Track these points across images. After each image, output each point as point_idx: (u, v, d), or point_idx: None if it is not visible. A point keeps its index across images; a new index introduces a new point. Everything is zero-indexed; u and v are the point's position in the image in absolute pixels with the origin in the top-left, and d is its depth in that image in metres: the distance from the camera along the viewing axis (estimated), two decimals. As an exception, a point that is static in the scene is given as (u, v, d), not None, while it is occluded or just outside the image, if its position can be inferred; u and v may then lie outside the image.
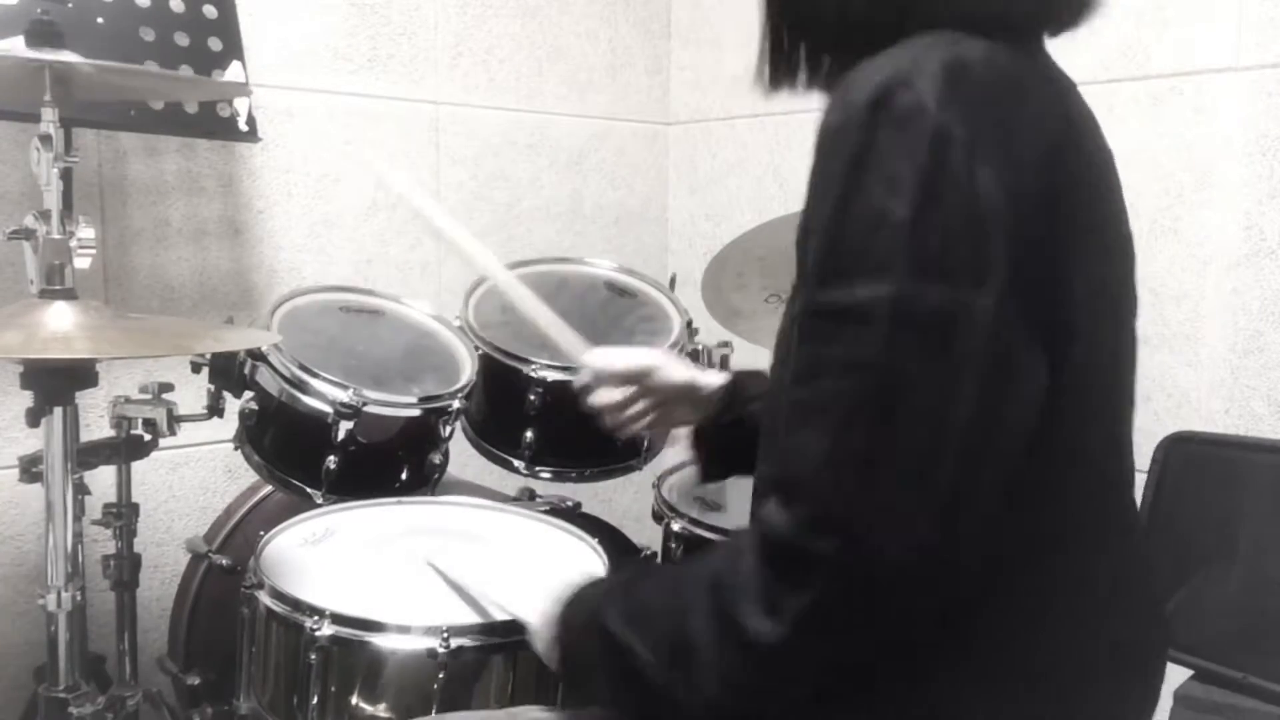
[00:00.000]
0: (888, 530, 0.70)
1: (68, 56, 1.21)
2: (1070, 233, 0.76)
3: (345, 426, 1.47)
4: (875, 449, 0.70)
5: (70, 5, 1.59)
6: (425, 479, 1.61)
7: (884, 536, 0.70)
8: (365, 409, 1.47)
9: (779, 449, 0.75)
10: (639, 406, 1.24)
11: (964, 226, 0.71)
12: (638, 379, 1.23)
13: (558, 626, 0.93)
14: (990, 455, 0.72)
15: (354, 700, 1.14)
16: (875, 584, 0.71)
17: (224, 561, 1.66)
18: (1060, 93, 0.83)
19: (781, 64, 0.92)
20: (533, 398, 1.61)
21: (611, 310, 1.83)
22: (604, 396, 1.24)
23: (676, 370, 1.22)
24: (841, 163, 0.74)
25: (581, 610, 0.91)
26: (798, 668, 0.76)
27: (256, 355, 1.50)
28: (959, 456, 0.70)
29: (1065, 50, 0.88)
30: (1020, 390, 0.73)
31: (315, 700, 1.14)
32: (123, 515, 1.60)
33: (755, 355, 1.28)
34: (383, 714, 1.14)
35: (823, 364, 0.74)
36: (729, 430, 1.21)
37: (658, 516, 1.61)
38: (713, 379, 1.23)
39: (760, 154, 2.49)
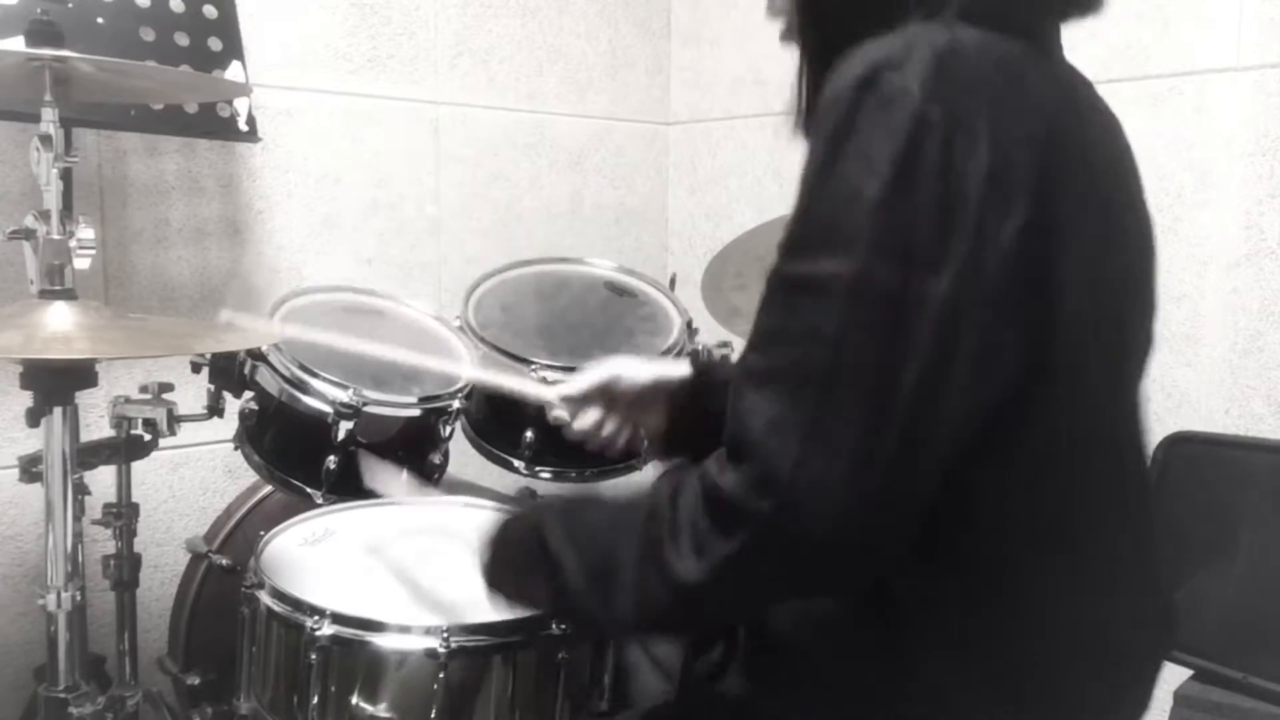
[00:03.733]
0: (820, 499, 0.72)
1: (68, 55, 1.21)
2: (1066, 229, 0.76)
3: (345, 426, 1.47)
4: (819, 420, 0.72)
5: (70, 5, 1.59)
6: (425, 479, 1.61)
7: (816, 504, 0.72)
8: (365, 409, 1.47)
9: (730, 411, 0.77)
10: (615, 420, 1.24)
11: (931, 212, 0.72)
12: (604, 394, 1.23)
13: (496, 533, 0.96)
14: (930, 439, 0.73)
15: (354, 700, 1.14)
16: (798, 546, 0.73)
17: (224, 561, 1.66)
18: (1062, 86, 0.82)
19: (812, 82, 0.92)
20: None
21: (611, 310, 1.83)
22: (582, 422, 1.24)
23: (639, 371, 1.22)
24: (824, 138, 0.76)
25: (522, 523, 0.95)
26: (708, 608, 0.80)
27: (256, 355, 1.50)
28: (899, 437, 0.72)
29: (1066, 50, 0.88)
30: (974, 376, 0.74)
31: (315, 700, 1.14)
32: (123, 515, 1.60)
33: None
34: (383, 714, 1.14)
35: (781, 332, 0.76)
36: (701, 420, 1.21)
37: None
38: (678, 369, 1.23)
39: (760, 154, 2.49)
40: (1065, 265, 0.77)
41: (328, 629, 1.13)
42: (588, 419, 1.24)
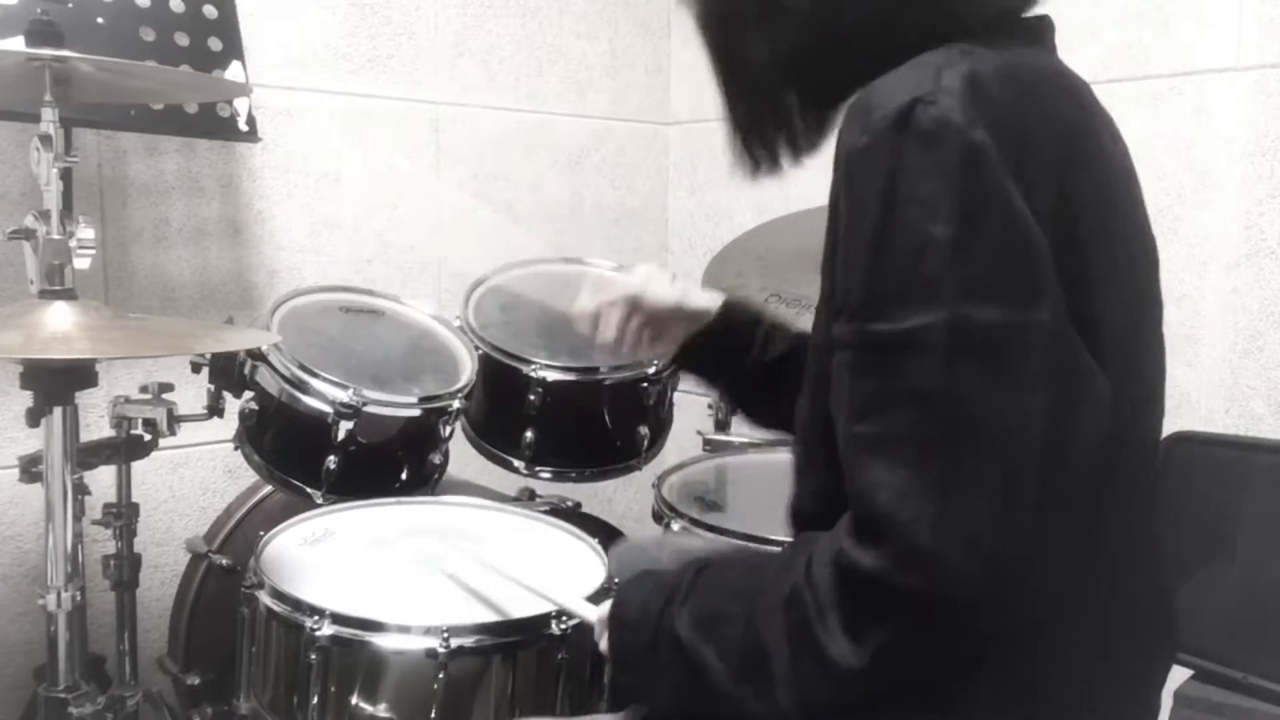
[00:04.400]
0: (970, 561, 0.69)
1: (68, 55, 1.21)
2: (1091, 236, 0.76)
3: (345, 426, 1.47)
4: (952, 478, 0.69)
5: (70, 5, 1.59)
6: (425, 479, 1.61)
7: (967, 568, 0.69)
8: (365, 409, 1.47)
9: (852, 487, 0.74)
10: (633, 333, 1.23)
11: (1008, 242, 0.70)
12: (630, 303, 1.22)
13: (611, 624, 0.92)
14: (1068, 470, 0.71)
15: (354, 700, 1.14)
16: (961, 613, 0.71)
17: (224, 561, 1.66)
18: (1071, 91, 0.82)
19: (771, 131, 0.91)
20: (533, 398, 1.61)
21: (611, 310, 1.83)
22: (603, 333, 1.23)
23: (663, 291, 1.21)
24: (873, 188, 0.72)
25: (636, 609, 0.90)
26: (873, 693, 0.75)
27: (256, 355, 1.50)
28: (1038, 475, 0.69)
29: (1066, 50, 0.88)
30: (1087, 400, 0.73)
31: (315, 700, 1.14)
32: (123, 515, 1.60)
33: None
34: (383, 714, 1.14)
35: (886, 397, 0.72)
36: (712, 350, 1.22)
37: (658, 516, 1.61)
38: (701, 299, 1.23)
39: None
40: (1103, 277, 0.77)
41: (327, 629, 1.13)
42: (607, 324, 1.22)
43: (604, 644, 0.95)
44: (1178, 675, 1.53)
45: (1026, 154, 0.72)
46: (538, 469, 1.68)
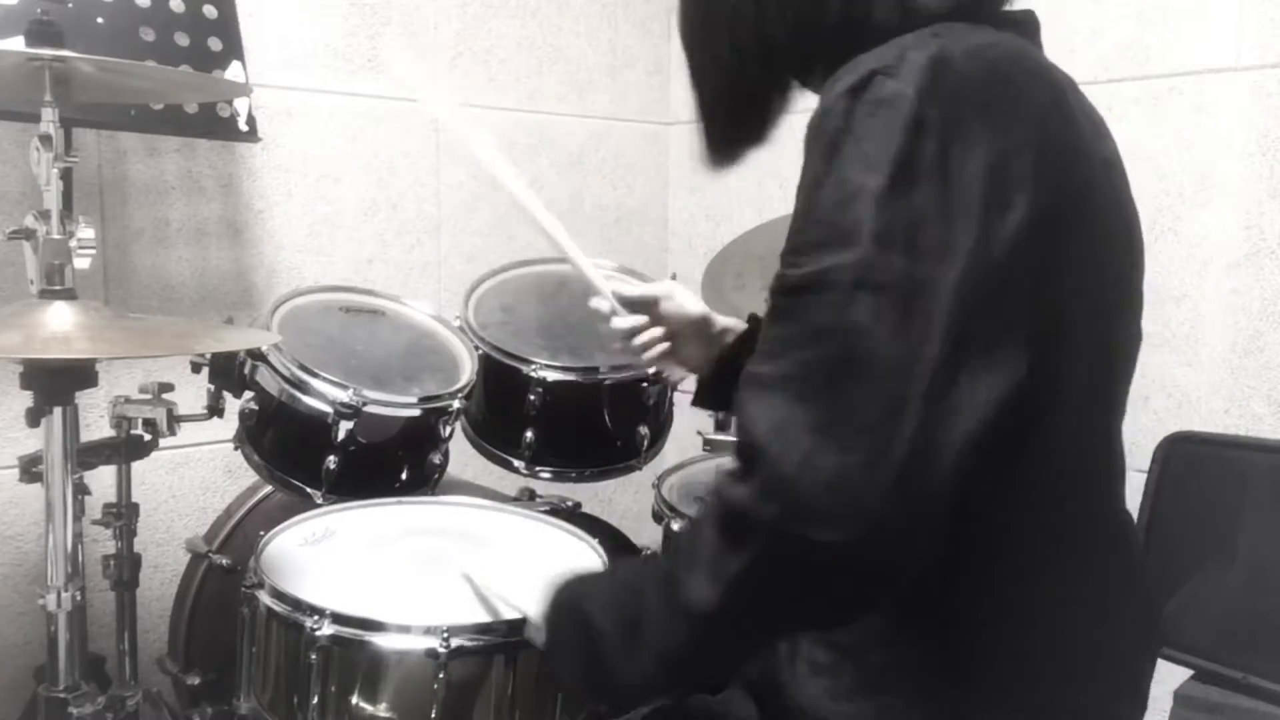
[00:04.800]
0: (832, 498, 0.68)
1: (68, 55, 1.21)
2: (1061, 227, 0.76)
3: (345, 426, 1.47)
4: (829, 416, 0.69)
5: (70, 5, 1.59)
6: (425, 479, 1.61)
7: (827, 505, 0.68)
8: (365, 409, 1.47)
9: (738, 423, 0.75)
10: (652, 333, 1.23)
11: (933, 205, 0.71)
12: (651, 306, 1.23)
13: (546, 611, 0.94)
14: (947, 433, 0.70)
15: (354, 700, 1.14)
16: (812, 552, 0.69)
17: (224, 561, 1.66)
18: (1054, 86, 0.82)
19: (751, 115, 0.93)
20: (533, 398, 1.61)
21: (611, 310, 1.83)
22: (623, 322, 1.23)
23: (690, 302, 1.22)
24: (820, 146, 0.75)
25: (568, 595, 0.92)
26: (726, 637, 0.75)
27: (256, 355, 1.50)
28: (915, 431, 0.68)
29: (1065, 50, 0.88)
30: (987, 372, 0.72)
31: (315, 700, 1.14)
32: (123, 515, 1.60)
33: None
34: (383, 714, 1.14)
35: (787, 337, 0.74)
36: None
37: (658, 516, 1.61)
38: (726, 319, 1.23)
39: (760, 154, 2.47)
40: (1065, 264, 0.77)
41: (328, 629, 1.13)
42: (630, 320, 1.23)
43: (536, 633, 0.97)
44: (1178, 675, 1.53)
45: (989, 131, 0.73)
46: (538, 469, 1.68)
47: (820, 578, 0.70)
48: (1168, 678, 1.51)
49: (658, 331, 1.24)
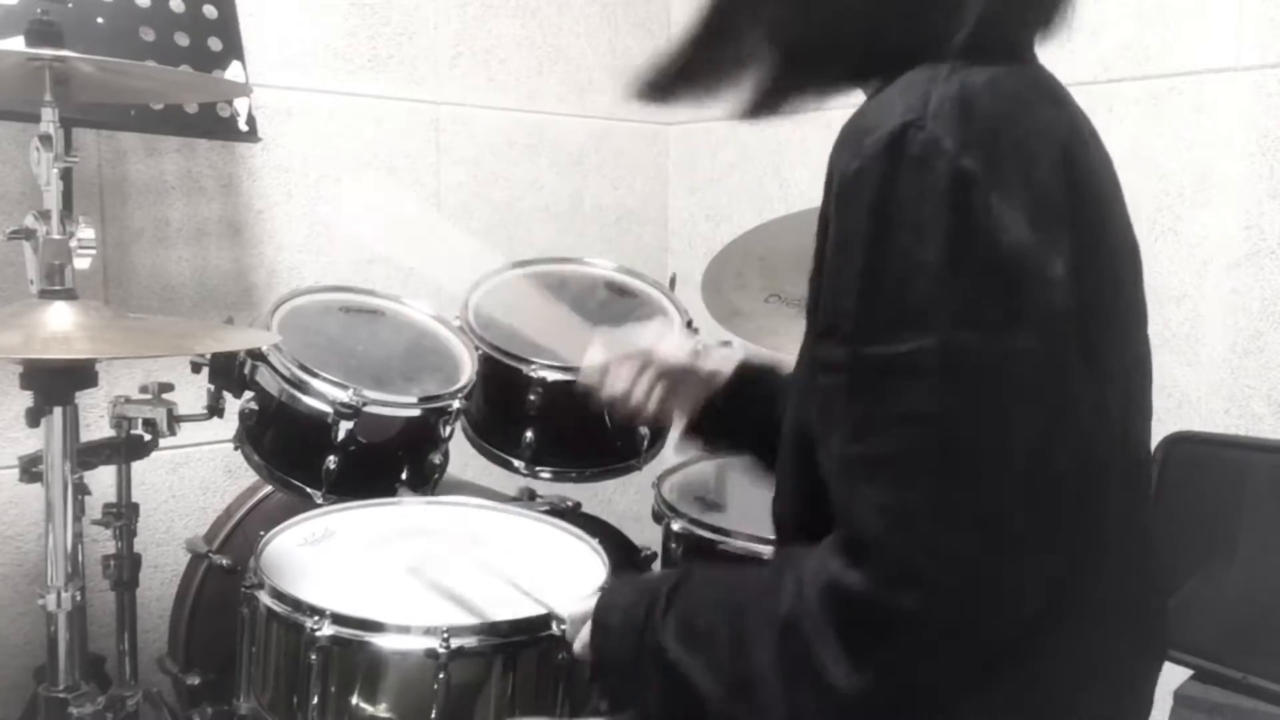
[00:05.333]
0: (966, 577, 0.70)
1: (68, 55, 1.21)
2: (1089, 244, 0.76)
3: (345, 426, 1.47)
4: (943, 500, 0.71)
5: (70, 5, 1.59)
6: (425, 479, 1.61)
7: (964, 584, 0.70)
8: (365, 409, 1.47)
9: (842, 507, 0.75)
10: (643, 389, 1.21)
11: (995, 268, 0.71)
12: (642, 358, 1.20)
13: (594, 631, 0.93)
14: (1054, 491, 0.72)
15: (354, 700, 1.14)
16: (955, 632, 0.72)
17: (224, 561, 1.66)
18: (1059, 103, 0.82)
19: (767, 98, 0.91)
20: (533, 398, 1.61)
21: (611, 310, 1.83)
22: (612, 387, 1.21)
23: (674, 352, 1.20)
24: (864, 210, 0.73)
25: (619, 615, 0.91)
26: (873, 711, 0.76)
27: (256, 355, 1.50)
28: (1025, 495, 0.71)
29: (1066, 50, 0.88)
30: (1075, 418, 0.74)
31: (315, 700, 1.14)
32: (123, 515, 1.60)
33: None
34: (383, 714, 1.14)
35: (877, 419, 0.73)
36: (733, 413, 1.20)
37: (658, 516, 1.61)
38: (715, 358, 1.21)
39: (760, 154, 2.49)
40: (1097, 283, 0.77)
41: (328, 629, 1.13)
42: (613, 386, 1.20)
43: (579, 646, 0.95)
44: (1178, 675, 1.53)
45: (1023, 170, 0.73)
46: (538, 469, 1.68)
47: (959, 650, 0.73)
48: (1168, 678, 1.50)
49: (648, 382, 1.20)
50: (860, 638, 0.73)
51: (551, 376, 1.61)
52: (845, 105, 0.83)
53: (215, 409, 1.58)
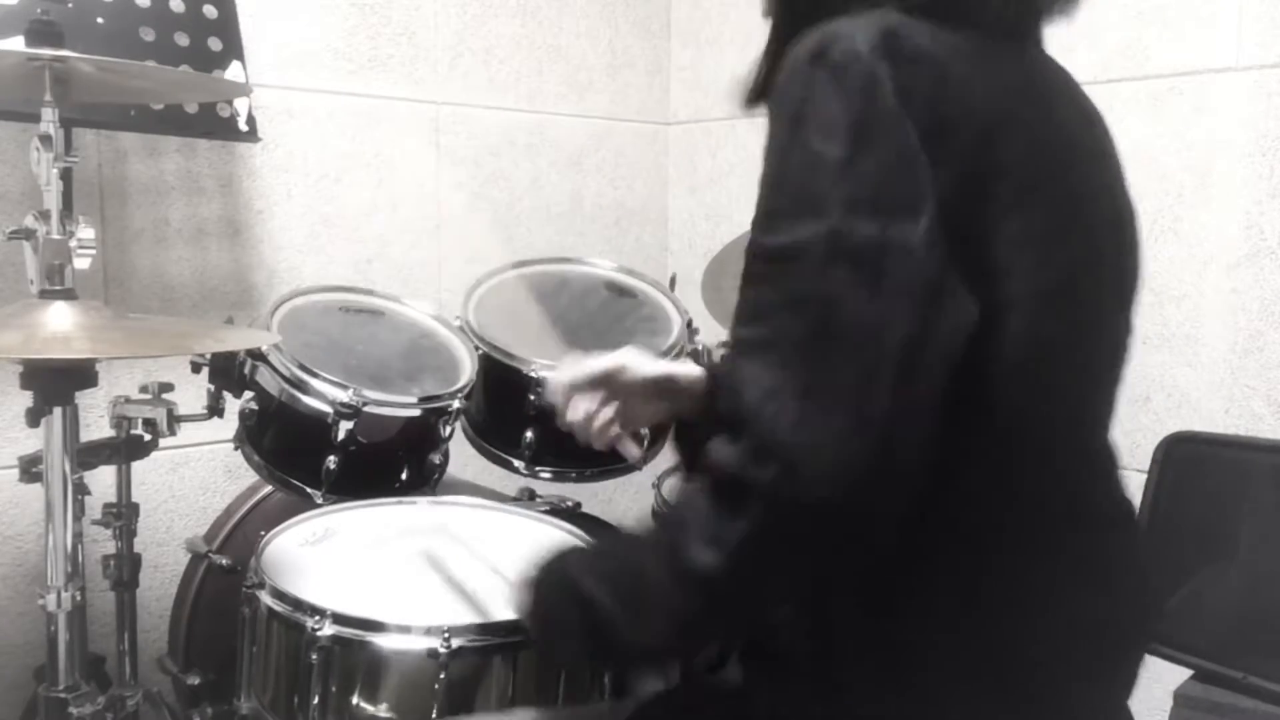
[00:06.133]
0: (822, 458, 0.71)
1: (68, 55, 1.21)
2: (997, 199, 0.78)
3: (345, 426, 1.47)
4: (814, 379, 0.73)
5: (70, 5, 1.59)
6: (425, 479, 1.61)
7: (818, 464, 0.71)
8: (365, 409, 1.47)
9: (725, 386, 0.78)
10: (609, 412, 1.18)
11: (895, 163, 0.74)
12: (607, 383, 1.17)
13: (530, 590, 0.94)
14: (924, 382, 0.73)
15: (354, 700, 1.14)
16: (810, 510, 0.72)
17: (224, 561, 1.66)
18: (1023, 75, 0.84)
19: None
20: (533, 398, 1.61)
21: (611, 310, 1.83)
22: (575, 411, 1.17)
23: (646, 365, 1.18)
24: (785, 114, 0.78)
25: (552, 571, 0.93)
26: (734, 598, 0.78)
27: (256, 355, 1.50)
28: (895, 383, 0.72)
29: (1066, 50, 0.88)
30: (949, 316, 0.75)
31: (316, 700, 1.14)
32: (123, 515, 1.60)
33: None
34: (383, 714, 1.14)
35: (765, 303, 0.78)
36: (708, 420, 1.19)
37: (657, 516, 1.61)
38: (689, 369, 1.20)
39: (760, 154, 2.48)
40: (1003, 241, 0.78)
41: (328, 629, 1.13)
42: (577, 409, 1.17)
43: (522, 612, 0.96)
44: (1178, 675, 1.53)
45: (934, 96, 0.76)
46: (538, 469, 1.68)
47: (811, 535, 0.74)
48: (1168, 678, 1.51)
49: (608, 414, 1.18)
50: (721, 515, 0.75)
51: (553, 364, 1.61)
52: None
53: (215, 409, 1.58)
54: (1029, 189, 0.80)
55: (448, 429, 1.59)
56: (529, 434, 1.64)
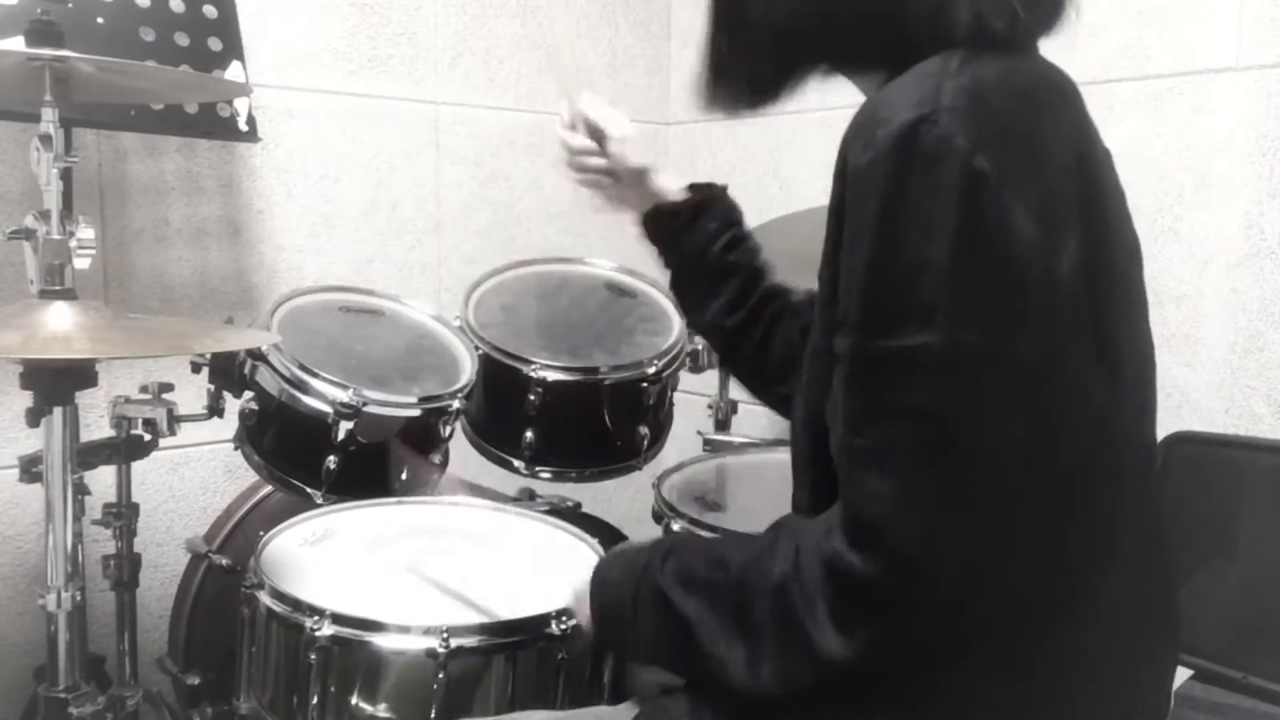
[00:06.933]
0: (957, 566, 0.74)
1: (68, 55, 1.21)
2: (1099, 240, 0.77)
3: (345, 426, 1.47)
4: (940, 492, 0.73)
5: (70, 5, 1.59)
6: (425, 479, 1.61)
7: (954, 571, 0.74)
8: (365, 409, 1.47)
9: (847, 494, 0.77)
10: (595, 163, 1.37)
11: (1000, 269, 0.73)
12: (598, 135, 1.35)
13: (594, 583, 0.97)
14: (1055, 485, 0.76)
15: (354, 700, 1.14)
16: (944, 614, 0.76)
17: (224, 561, 1.66)
18: (1068, 99, 0.82)
19: (748, 79, 0.97)
20: (533, 398, 1.61)
21: (611, 310, 1.83)
22: (571, 139, 1.37)
23: (633, 153, 1.34)
24: (875, 206, 0.75)
25: (619, 569, 0.95)
26: (853, 680, 0.79)
27: (256, 355, 1.50)
28: (1021, 491, 0.74)
29: (1066, 50, 0.88)
30: (1082, 415, 0.76)
31: (315, 700, 1.14)
32: (123, 515, 1.60)
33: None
34: (382, 714, 1.14)
35: (879, 411, 0.76)
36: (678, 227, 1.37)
37: (658, 516, 1.61)
38: (668, 182, 1.36)
39: (760, 154, 2.49)
40: (1108, 280, 0.79)
41: (327, 629, 1.13)
42: (578, 140, 1.38)
43: (581, 616, 0.99)
44: (1178, 675, 1.53)
45: (1034, 167, 0.74)
46: (538, 469, 1.68)
47: (942, 630, 0.77)
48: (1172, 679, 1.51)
49: (600, 162, 1.38)
50: (853, 614, 0.76)
51: (552, 376, 1.61)
52: (845, 105, 0.83)
53: (215, 409, 1.58)
54: (1106, 224, 0.80)
55: (448, 429, 1.59)
56: (529, 434, 1.64)
